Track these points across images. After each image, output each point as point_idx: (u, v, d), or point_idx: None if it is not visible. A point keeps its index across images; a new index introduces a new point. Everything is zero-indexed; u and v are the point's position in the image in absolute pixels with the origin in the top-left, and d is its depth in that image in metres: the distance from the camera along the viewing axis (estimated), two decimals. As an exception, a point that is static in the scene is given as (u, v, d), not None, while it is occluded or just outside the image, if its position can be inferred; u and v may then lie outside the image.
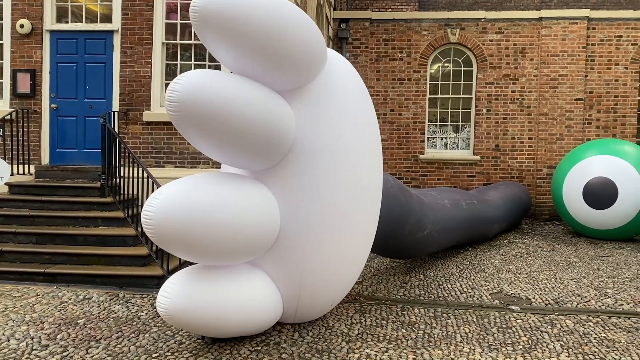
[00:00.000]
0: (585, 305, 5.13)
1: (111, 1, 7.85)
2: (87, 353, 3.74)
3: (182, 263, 5.93)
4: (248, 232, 3.58)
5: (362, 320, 4.51)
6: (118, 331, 4.18)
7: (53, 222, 6.69)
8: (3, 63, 8.02)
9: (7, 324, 4.31)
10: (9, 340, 3.98)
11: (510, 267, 6.68)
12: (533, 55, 11.35)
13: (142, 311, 4.70)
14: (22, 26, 7.79)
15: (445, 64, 11.74)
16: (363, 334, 4.19)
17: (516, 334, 4.28)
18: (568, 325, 4.48)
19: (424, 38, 11.58)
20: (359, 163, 4.11)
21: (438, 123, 11.81)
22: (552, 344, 4.07)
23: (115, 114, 7.73)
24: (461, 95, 11.67)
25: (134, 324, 4.37)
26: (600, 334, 4.30)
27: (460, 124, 11.74)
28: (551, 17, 11.25)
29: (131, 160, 6.46)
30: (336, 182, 3.91)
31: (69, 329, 4.23)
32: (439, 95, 11.75)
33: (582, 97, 11.19)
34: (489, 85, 11.44)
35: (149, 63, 7.81)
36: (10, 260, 6.20)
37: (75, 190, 7.09)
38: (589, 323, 4.56)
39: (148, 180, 6.07)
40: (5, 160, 6.47)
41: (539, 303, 5.16)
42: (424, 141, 11.68)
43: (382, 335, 4.18)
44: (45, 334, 4.12)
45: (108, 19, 7.90)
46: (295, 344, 3.96)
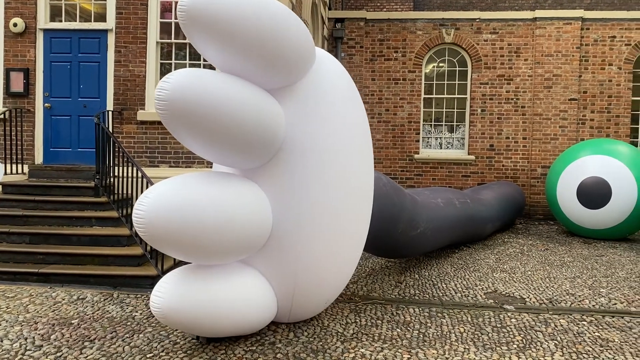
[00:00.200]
0: (579, 304, 5.15)
1: (105, 0, 7.82)
2: (81, 353, 3.73)
3: (177, 263, 5.91)
4: (240, 230, 3.58)
5: (357, 320, 4.52)
6: (112, 331, 4.17)
7: (47, 222, 6.66)
8: (-4, 62, 7.98)
9: (1, 325, 4.28)
10: (2, 341, 3.95)
11: (505, 267, 6.70)
12: (527, 56, 11.39)
13: (137, 311, 4.68)
14: (16, 25, 7.74)
15: (440, 64, 11.76)
16: (358, 334, 4.19)
17: (510, 333, 4.29)
18: (562, 325, 4.51)
19: (419, 38, 11.60)
20: (349, 162, 4.11)
21: (433, 123, 11.83)
22: (546, 343, 4.09)
23: (110, 113, 7.71)
24: (456, 95, 11.70)
25: (128, 324, 4.35)
26: (594, 333, 4.33)
27: (455, 123, 11.77)
28: (545, 18, 11.29)
29: (125, 159, 6.43)
30: (325, 181, 3.92)
31: (62, 329, 4.21)
32: (434, 95, 11.76)
33: (576, 97, 11.24)
34: (483, 85, 11.48)
35: (143, 62, 7.79)
36: (4, 260, 6.17)
37: (69, 190, 7.06)
38: (583, 322, 4.58)
39: (142, 180, 6.06)
40: (-2, 159, 6.45)
41: (533, 302, 5.18)
42: (418, 141, 11.69)
43: (377, 334, 4.19)
44: (39, 334, 4.10)
45: (102, 18, 7.87)
46: (291, 344, 3.96)
